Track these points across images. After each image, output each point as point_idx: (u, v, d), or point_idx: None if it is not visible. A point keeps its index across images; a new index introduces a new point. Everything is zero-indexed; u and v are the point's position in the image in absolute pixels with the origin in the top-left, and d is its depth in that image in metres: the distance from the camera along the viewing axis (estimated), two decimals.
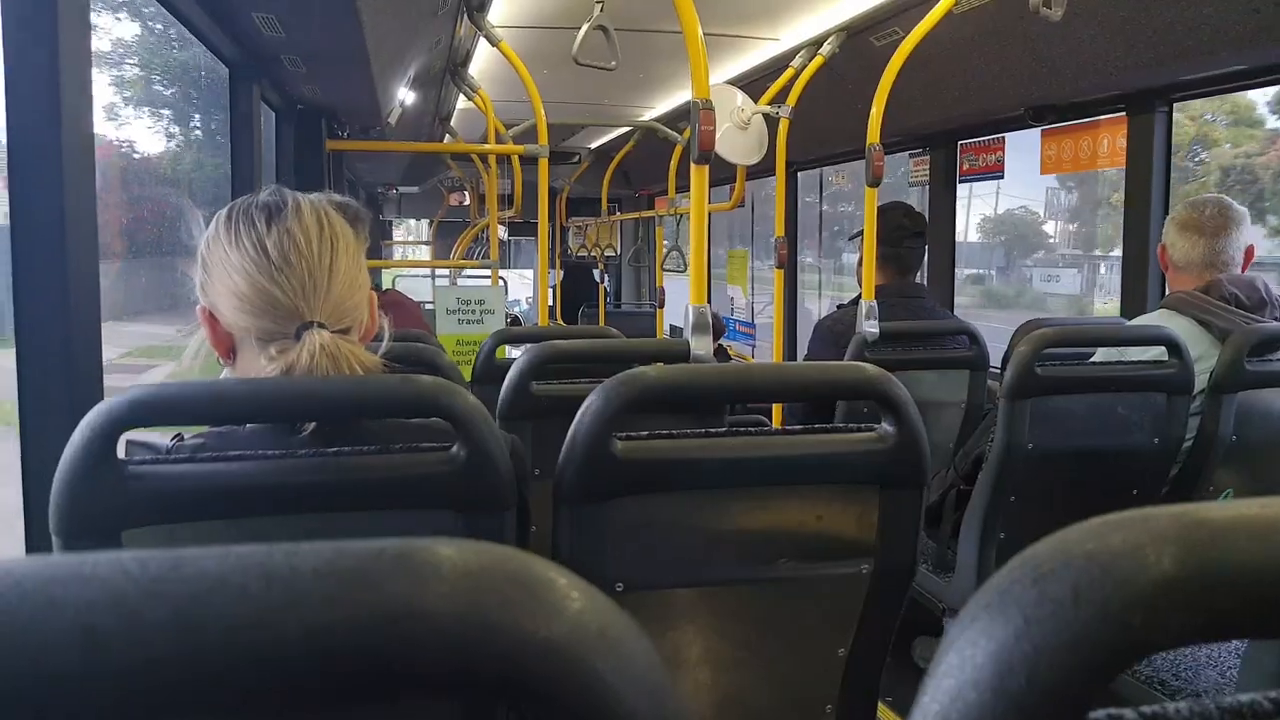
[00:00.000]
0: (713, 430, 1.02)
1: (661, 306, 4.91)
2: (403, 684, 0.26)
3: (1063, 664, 0.28)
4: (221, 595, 0.25)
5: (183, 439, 1.00)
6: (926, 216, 2.84)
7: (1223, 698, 0.33)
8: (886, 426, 1.03)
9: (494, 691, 0.27)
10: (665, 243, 5.00)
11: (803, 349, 3.30)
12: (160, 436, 1.04)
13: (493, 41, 2.86)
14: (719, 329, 5.40)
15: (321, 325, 0.97)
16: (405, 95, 3.53)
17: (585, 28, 1.99)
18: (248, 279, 0.96)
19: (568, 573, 0.29)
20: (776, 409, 2.96)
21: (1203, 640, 0.29)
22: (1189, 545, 0.29)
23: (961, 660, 0.29)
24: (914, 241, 2.69)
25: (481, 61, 3.64)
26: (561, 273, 7.15)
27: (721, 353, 4.89)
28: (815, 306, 7.70)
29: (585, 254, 7.23)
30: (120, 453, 0.90)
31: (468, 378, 2.07)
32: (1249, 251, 2.00)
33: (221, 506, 0.89)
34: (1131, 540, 0.29)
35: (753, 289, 6.17)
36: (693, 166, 1.65)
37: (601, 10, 1.99)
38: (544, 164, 3.09)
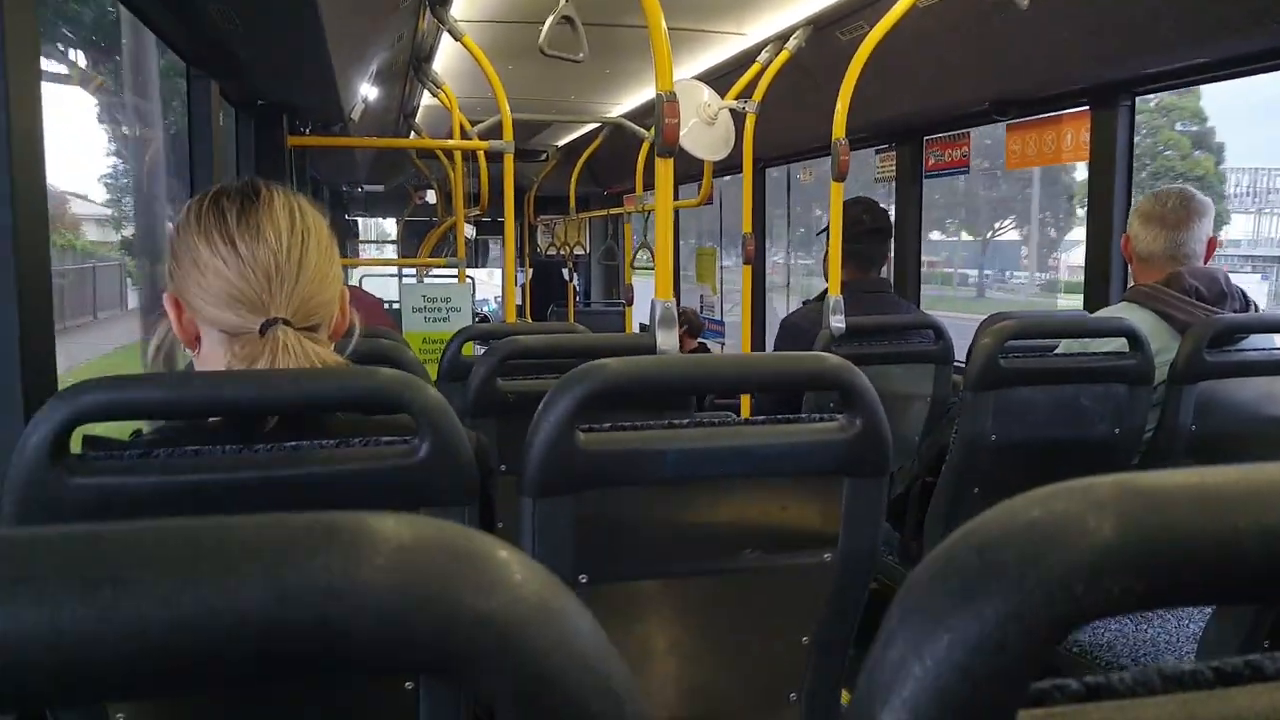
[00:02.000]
0: (676, 421, 1.01)
1: (630, 304, 4.91)
2: (337, 658, 0.25)
3: (1006, 632, 0.28)
4: (145, 569, 0.24)
5: (141, 434, 0.99)
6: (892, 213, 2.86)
7: (1165, 666, 0.33)
8: (849, 416, 1.03)
9: (431, 666, 0.26)
10: (634, 240, 5.00)
11: (770, 347, 3.30)
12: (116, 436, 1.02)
13: (456, 36, 2.84)
14: (698, 327, 5.41)
15: (287, 322, 0.95)
16: (368, 91, 3.50)
17: (551, 19, 1.98)
18: (214, 271, 0.95)
19: (510, 547, 0.28)
20: (745, 405, 2.97)
21: (1144, 607, 0.29)
22: (1129, 512, 0.29)
23: (905, 629, 0.29)
24: (874, 237, 2.70)
25: (446, 57, 3.61)
26: (530, 271, 7.12)
27: (703, 352, 4.89)
28: (783, 306, 7.73)
29: (554, 252, 7.21)
30: (77, 448, 0.88)
31: (434, 376, 2.06)
32: (1211, 243, 2.03)
33: (174, 504, 0.88)
34: (1073, 508, 0.29)
35: (722, 287, 6.18)
36: (658, 160, 1.65)
37: (568, 2, 1.98)
38: (510, 160, 3.08)
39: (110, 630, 0.24)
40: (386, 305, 5.21)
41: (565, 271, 6.93)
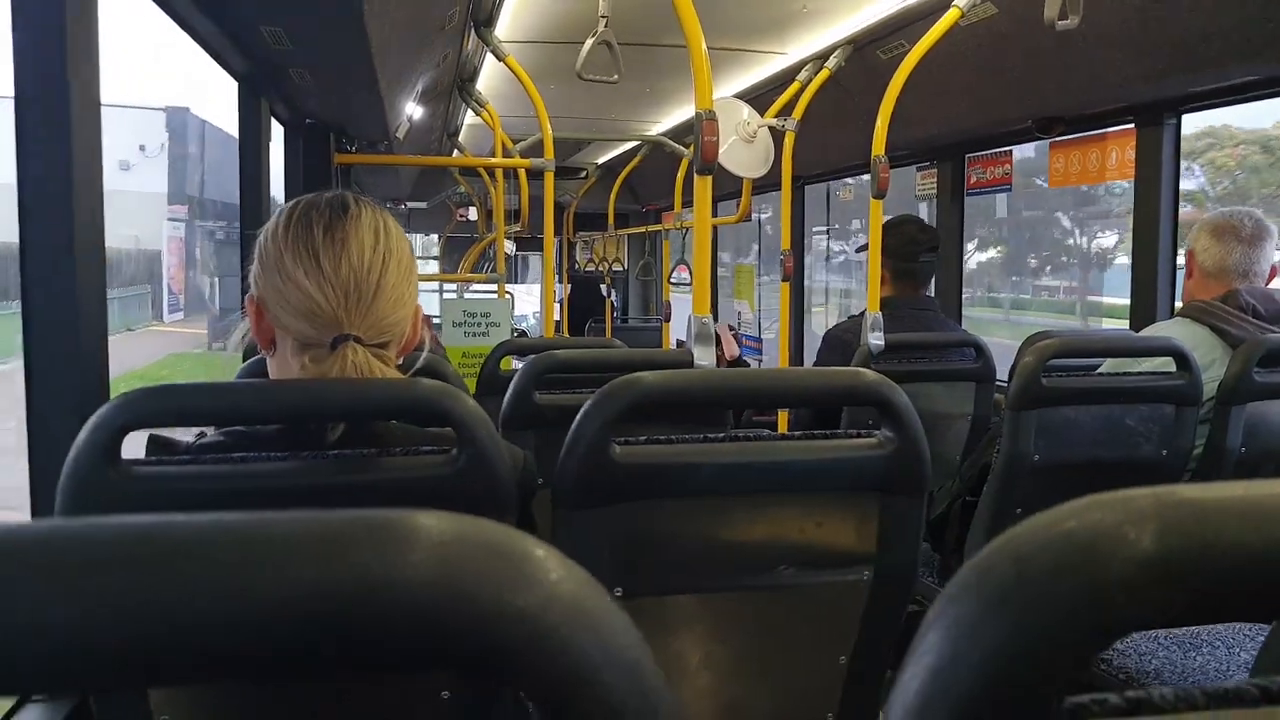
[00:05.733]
0: (712, 435, 1.02)
1: (668, 320, 4.92)
2: (376, 652, 0.26)
3: (1043, 642, 0.28)
4: (193, 561, 0.25)
5: (205, 436, 1.02)
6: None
7: (1209, 685, 0.32)
8: (886, 432, 1.02)
9: (468, 662, 0.27)
10: (672, 257, 5.01)
11: (809, 363, 3.29)
12: (185, 433, 1.05)
13: (499, 57, 2.88)
14: (738, 341, 5.40)
15: (358, 340, 0.97)
16: (413, 110, 3.56)
17: (590, 43, 2.01)
18: (294, 284, 0.97)
19: (547, 545, 0.29)
20: (782, 420, 2.96)
21: (1185, 622, 0.29)
22: (1170, 524, 0.29)
23: (942, 638, 0.29)
24: (928, 255, 2.70)
25: (489, 76, 3.66)
26: (569, 287, 7.16)
27: (741, 365, 4.87)
28: (823, 323, 7.70)
29: (592, 269, 7.24)
30: (140, 450, 0.91)
31: (473, 389, 2.07)
32: (1274, 270, 2.02)
33: (224, 507, 0.90)
34: (1112, 519, 0.29)
35: (759, 303, 6.17)
36: (696, 178, 1.65)
37: (606, 25, 2.00)
38: (550, 178, 3.11)
39: (165, 616, 0.25)
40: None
41: (603, 287, 6.96)
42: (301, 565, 0.25)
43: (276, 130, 2.83)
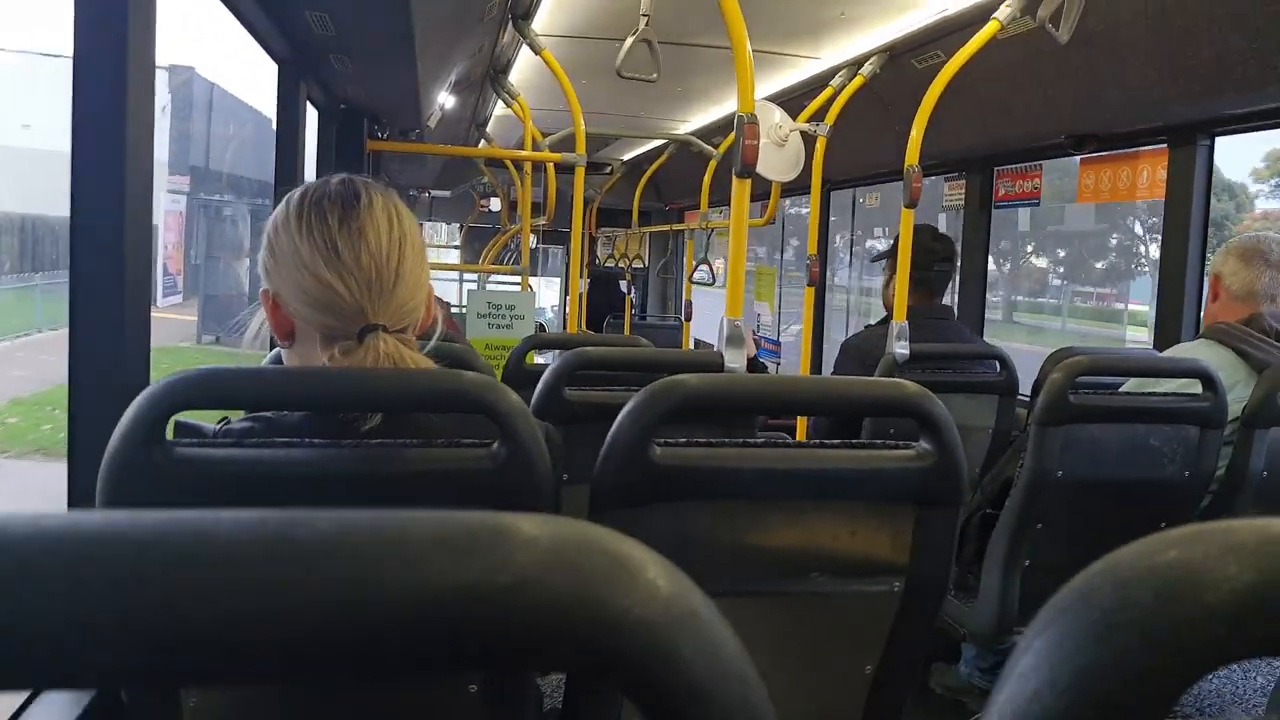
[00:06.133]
0: (751, 440, 1.02)
1: (689, 320, 4.91)
2: (504, 653, 0.27)
3: (1145, 669, 0.28)
4: (336, 557, 0.26)
5: (229, 423, 1.02)
6: (959, 240, 2.84)
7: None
8: (925, 445, 1.03)
9: (588, 667, 0.27)
10: (695, 256, 5.01)
11: (828, 368, 3.29)
12: (206, 422, 1.06)
13: (536, 50, 2.88)
14: (757, 344, 5.40)
15: (385, 329, 0.97)
16: (445, 99, 3.57)
17: (630, 40, 2.01)
18: (314, 276, 0.96)
19: (655, 554, 0.30)
20: (801, 427, 2.96)
21: None
22: (1272, 557, 0.29)
23: (1039, 662, 0.30)
24: (944, 265, 2.70)
25: (520, 69, 3.67)
26: (588, 282, 7.16)
27: (758, 367, 4.88)
28: (841, 330, 7.69)
29: (613, 264, 7.25)
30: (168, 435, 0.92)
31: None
32: None
33: (265, 492, 0.91)
34: (1214, 549, 0.30)
35: (780, 306, 6.17)
36: (735, 180, 1.66)
37: (648, 24, 2.01)
38: (580, 173, 3.12)
39: (286, 610, 0.25)
40: (454, 309, 5.28)
41: (623, 284, 6.96)
42: (440, 567, 0.26)
43: (310, 114, 2.85)
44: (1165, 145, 2.72)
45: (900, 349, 2.39)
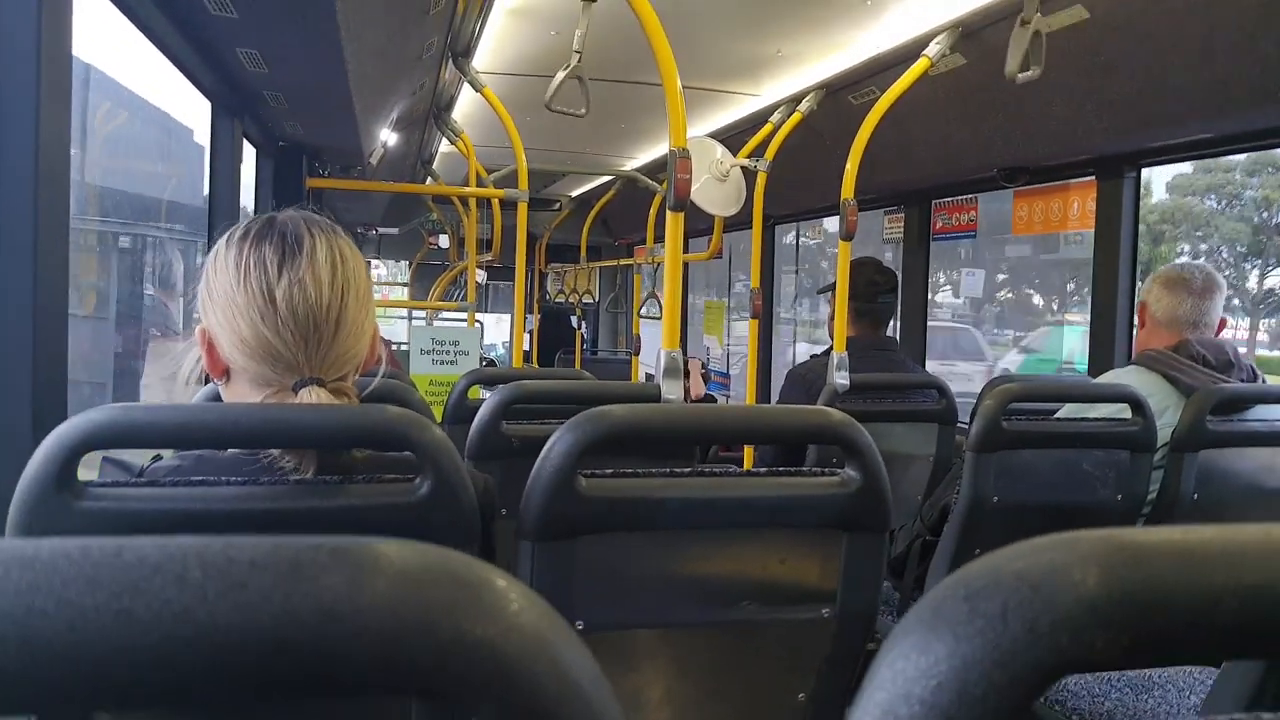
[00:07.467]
0: (678, 470, 1.02)
1: (638, 354, 4.93)
2: (335, 679, 0.26)
3: (991, 680, 0.29)
4: (158, 582, 0.25)
5: (160, 459, 0.99)
6: (899, 272, 2.90)
7: None
8: (850, 471, 1.04)
9: (427, 690, 0.27)
10: (644, 290, 5.04)
11: (775, 398, 3.31)
12: (140, 456, 1.02)
13: (476, 87, 2.90)
14: (706, 379, 5.42)
15: (320, 382, 0.94)
16: (388, 136, 3.56)
17: (561, 75, 2.03)
18: (250, 326, 0.93)
19: (508, 575, 0.29)
20: (748, 457, 2.97)
21: (1127, 665, 0.30)
22: (1114, 567, 0.30)
23: (893, 674, 0.30)
24: (887, 297, 2.75)
25: (465, 105, 3.68)
26: (539, 318, 7.15)
27: (710, 403, 4.90)
28: (792, 356, 7.77)
29: (563, 300, 7.26)
30: (93, 472, 0.89)
31: (439, 418, 2.06)
32: (1223, 322, 2.08)
33: (181, 531, 0.88)
34: (1059, 560, 0.30)
35: (728, 339, 6.21)
36: (669, 214, 1.67)
37: (579, 60, 2.02)
38: (523, 208, 3.12)
39: (123, 639, 0.25)
40: (395, 346, 5.23)
41: (573, 319, 6.97)
42: (264, 591, 0.26)
43: (248, 151, 2.82)
44: (1094, 177, 2.81)
45: (840, 379, 2.42)
